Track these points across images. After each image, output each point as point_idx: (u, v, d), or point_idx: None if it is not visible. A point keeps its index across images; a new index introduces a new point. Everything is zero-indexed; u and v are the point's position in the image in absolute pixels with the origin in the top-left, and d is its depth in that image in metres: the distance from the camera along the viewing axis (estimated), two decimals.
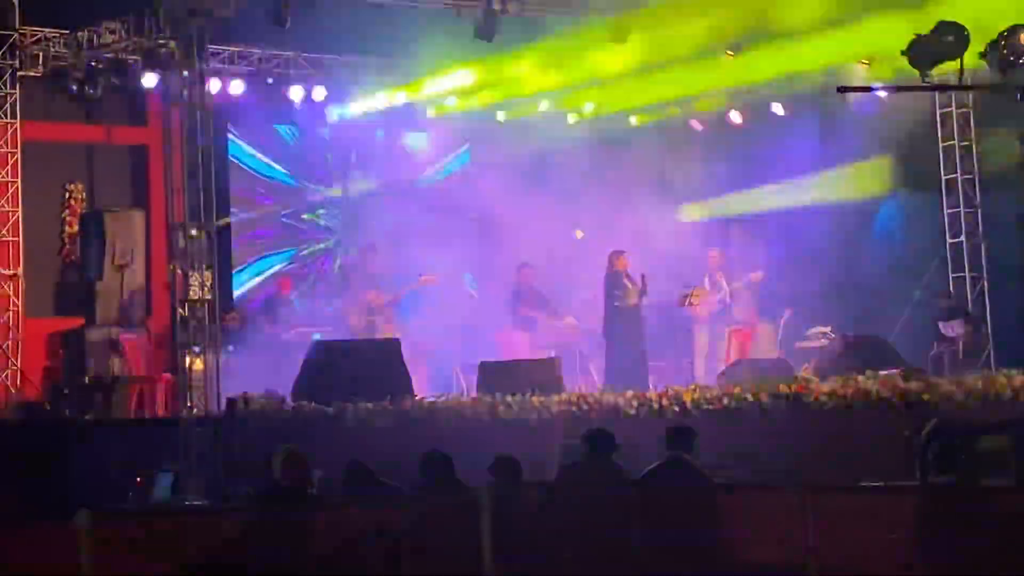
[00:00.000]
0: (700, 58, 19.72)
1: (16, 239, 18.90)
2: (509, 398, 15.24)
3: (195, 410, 15.85)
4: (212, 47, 18.15)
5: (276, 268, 21.51)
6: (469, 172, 22.86)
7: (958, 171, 19.06)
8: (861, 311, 19.28)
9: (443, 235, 22.24)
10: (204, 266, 16.27)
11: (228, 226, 20.21)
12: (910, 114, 19.10)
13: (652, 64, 19.80)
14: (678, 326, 19.91)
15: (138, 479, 14.51)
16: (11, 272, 18.81)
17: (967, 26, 14.55)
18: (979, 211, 19.01)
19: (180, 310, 16.28)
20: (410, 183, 22.59)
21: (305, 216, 21.95)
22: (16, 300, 18.85)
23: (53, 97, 19.38)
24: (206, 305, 16.23)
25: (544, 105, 21.69)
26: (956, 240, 19.06)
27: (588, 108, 21.96)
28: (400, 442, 14.26)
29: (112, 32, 18.68)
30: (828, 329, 19.07)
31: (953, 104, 19.05)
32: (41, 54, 19.15)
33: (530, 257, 20.41)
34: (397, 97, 21.11)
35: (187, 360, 16.14)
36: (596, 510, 9.89)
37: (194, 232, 16.26)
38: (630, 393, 15.08)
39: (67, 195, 20.01)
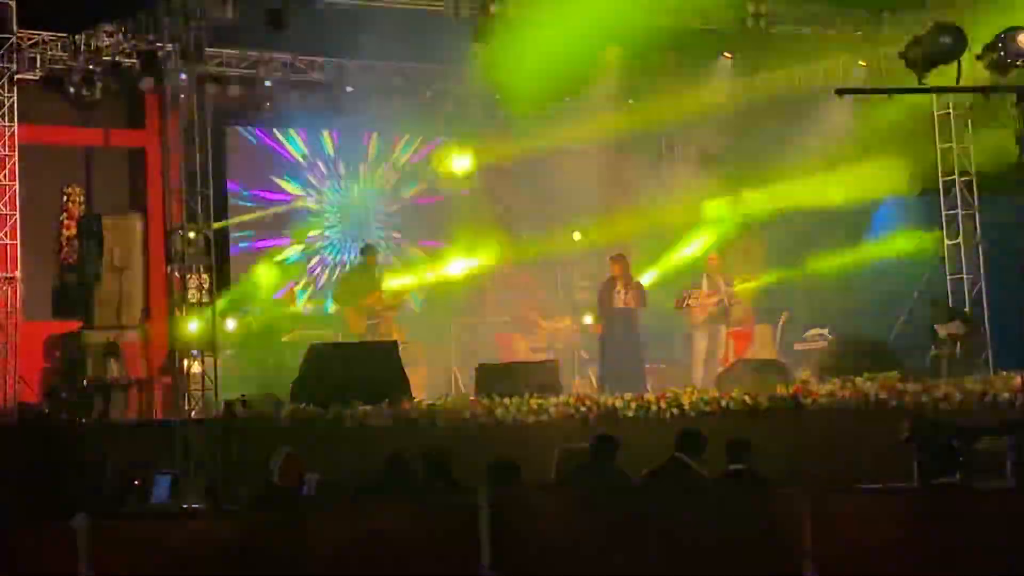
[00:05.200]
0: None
1: (14, 242, 18.86)
2: (507, 400, 15.25)
3: (193, 413, 15.85)
4: (209, 50, 18.13)
5: (275, 270, 21.49)
6: (467, 173, 22.85)
7: (955, 173, 19.07)
8: (859, 312, 19.29)
9: (443, 236, 22.32)
10: (201, 269, 16.27)
11: (226, 229, 20.21)
12: (908, 116, 19.13)
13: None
14: (676, 328, 19.92)
15: (136, 482, 14.50)
16: (9, 275, 18.78)
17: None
18: (977, 213, 19.02)
19: (178, 313, 16.27)
20: (408, 185, 22.63)
21: (303, 219, 21.94)
22: (14, 303, 18.82)
23: (51, 100, 19.36)
24: (203, 307, 16.23)
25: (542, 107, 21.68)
26: (953, 242, 19.07)
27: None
28: (398, 444, 14.25)
29: (110, 35, 18.67)
30: (826, 331, 19.10)
31: (951, 106, 19.06)
32: (39, 57, 19.13)
33: (529, 258, 20.45)
34: (394, 100, 21.11)
35: (185, 363, 16.13)
36: (597, 512, 9.89)
37: (192, 235, 16.26)
38: (628, 395, 15.10)
39: (65, 198, 20.00)
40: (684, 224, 21.44)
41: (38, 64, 19.17)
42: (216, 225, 17.17)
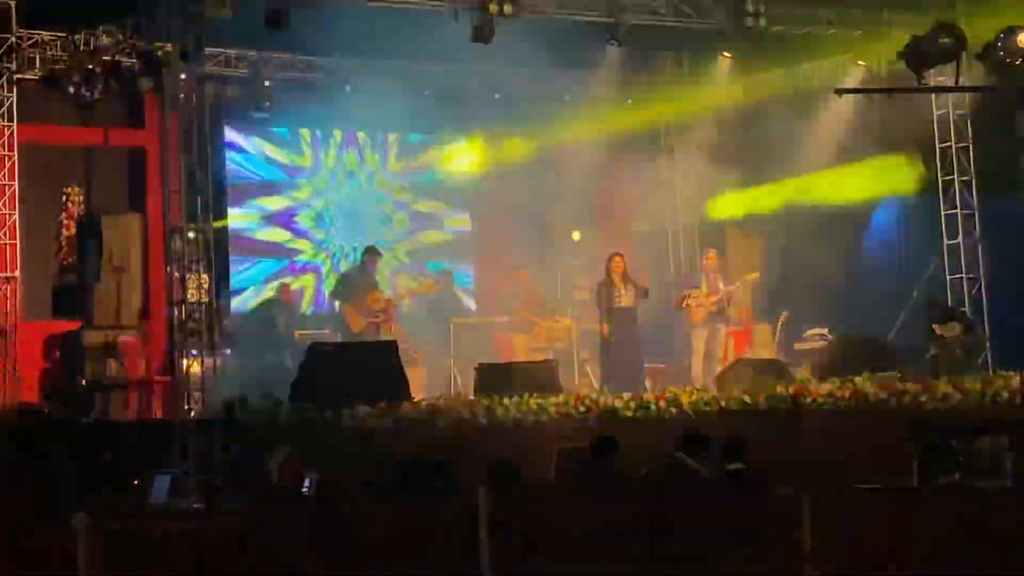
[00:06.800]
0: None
1: (13, 242, 18.87)
2: (506, 400, 15.24)
3: (193, 413, 15.83)
4: (209, 50, 18.12)
5: (274, 270, 21.51)
6: (466, 173, 22.89)
7: (955, 172, 19.06)
8: (858, 312, 19.29)
9: (442, 237, 22.33)
10: (201, 269, 16.26)
11: (226, 228, 20.20)
12: (907, 116, 19.12)
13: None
14: (675, 328, 19.93)
15: (136, 481, 14.50)
16: (8, 275, 18.79)
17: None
18: (976, 212, 19.02)
19: (177, 312, 16.26)
20: (408, 184, 22.65)
21: (303, 218, 21.95)
22: (14, 303, 18.82)
23: (50, 100, 19.34)
24: (203, 307, 16.21)
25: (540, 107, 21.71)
26: (953, 241, 19.07)
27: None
28: (398, 444, 14.26)
29: (109, 35, 18.66)
30: (825, 330, 19.10)
31: (950, 106, 19.06)
32: (38, 57, 19.12)
33: (528, 258, 20.45)
34: (394, 100, 21.10)
35: (184, 362, 16.12)
36: (597, 512, 9.90)
37: (191, 235, 16.24)
38: (628, 395, 15.10)
39: (64, 198, 19.99)
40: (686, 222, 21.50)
41: (38, 64, 19.16)
42: (216, 224, 17.15)
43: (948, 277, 19.04)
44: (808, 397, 14.26)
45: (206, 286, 16.28)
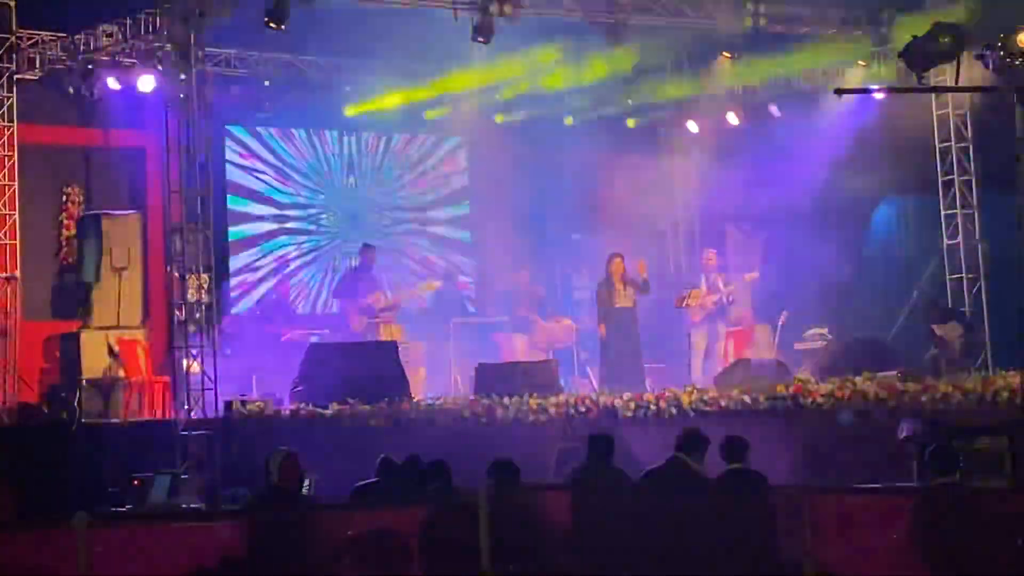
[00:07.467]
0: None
1: (13, 242, 18.91)
2: (506, 400, 15.24)
3: (192, 412, 15.84)
4: (209, 50, 18.14)
5: (274, 269, 21.52)
6: (466, 173, 22.91)
7: (955, 172, 19.07)
8: (858, 312, 19.29)
9: (442, 237, 22.34)
10: (201, 269, 16.27)
11: (225, 228, 20.20)
12: (907, 115, 19.12)
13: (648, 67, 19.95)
14: (675, 327, 19.93)
15: (135, 481, 14.51)
16: (8, 275, 18.80)
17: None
18: (976, 212, 19.02)
19: (177, 312, 16.27)
20: (408, 185, 22.66)
21: (303, 218, 21.96)
22: (14, 303, 18.83)
23: (50, 100, 19.38)
24: (203, 307, 16.23)
25: (541, 107, 21.74)
26: (953, 241, 19.07)
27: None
28: (397, 444, 14.25)
29: (109, 35, 18.68)
30: (825, 330, 19.10)
31: (950, 106, 19.06)
32: (38, 57, 19.16)
33: (528, 258, 20.46)
34: (394, 100, 21.13)
35: (184, 362, 16.13)
36: (596, 512, 9.90)
37: (191, 235, 16.26)
38: (627, 395, 15.09)
39: (64, 198, 20.01)
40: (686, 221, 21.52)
41: (38, 64, 19.19)
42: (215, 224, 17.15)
43: (948, 277, 19.04)
44: (808, 397, 14.25)
45: (206, 286, 16.29)
